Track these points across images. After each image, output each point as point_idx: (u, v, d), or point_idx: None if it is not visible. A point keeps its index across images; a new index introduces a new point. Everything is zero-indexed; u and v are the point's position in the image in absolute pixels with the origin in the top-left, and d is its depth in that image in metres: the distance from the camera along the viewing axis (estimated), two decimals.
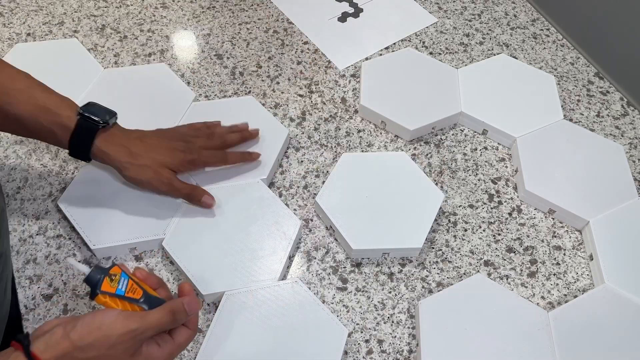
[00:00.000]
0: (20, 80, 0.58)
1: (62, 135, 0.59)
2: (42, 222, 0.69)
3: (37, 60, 0.83)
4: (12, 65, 0.59)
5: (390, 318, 0.63)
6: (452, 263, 0.68)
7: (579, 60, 0.91)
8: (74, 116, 0.59)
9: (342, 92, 0.85)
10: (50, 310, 0.62)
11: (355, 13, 0.97)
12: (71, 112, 0.59)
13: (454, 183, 0.75)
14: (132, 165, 0.61)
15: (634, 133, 0.82)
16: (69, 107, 0.59)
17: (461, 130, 0.81)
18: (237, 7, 0.97)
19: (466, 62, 0.89)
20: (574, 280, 0.67)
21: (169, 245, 0.64)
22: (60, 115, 0.58)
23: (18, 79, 0.58)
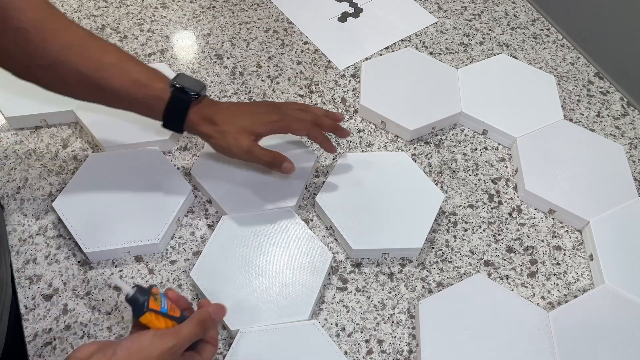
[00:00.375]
0: (111, 53, 0.59)
1: (157, 107, 0.60)
2: (42, 222, 0.69)
3: None
4: (101, 38, 0.60)
5: (390, 318, 0.63)
6: (452, 263, 0.68)
7: (579, 60, 0.91)
8: (168, 88, 0.60)
9: (342, 92, 0.85)
10: (50, 311, 0.62)
11: (355, 13, 0.97)
12: (164, 84, 0.60)
13: (454, 183, 0.75)
14: (216, 133, 0.61)
15: (634, 133, 0.82)
16: (161, 80, 0.60)
17: (461, 130, 0.81)
18: (237, 7, 0.97)
19: (466, 62, 0.89)
20: (574, 280, 0.67)
21: (196, 276, 0.62)
22: (154, 88, 0.59)
23: (109, 52, 0.59)
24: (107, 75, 0.58)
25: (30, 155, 0.75)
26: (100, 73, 0.57)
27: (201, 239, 0.68)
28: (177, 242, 0.68)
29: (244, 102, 0.66)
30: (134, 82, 0.58)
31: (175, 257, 0.67)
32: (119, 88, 0.58)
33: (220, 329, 0.61)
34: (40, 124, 0.78)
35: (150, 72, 0.60)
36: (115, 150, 0.73)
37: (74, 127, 0.78)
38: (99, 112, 0.76)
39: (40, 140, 0.77)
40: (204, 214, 0.71)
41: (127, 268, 0.66)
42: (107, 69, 0.58)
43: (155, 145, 0.74)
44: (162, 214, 0.67)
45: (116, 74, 0.58)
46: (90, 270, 0.65)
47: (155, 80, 0.60)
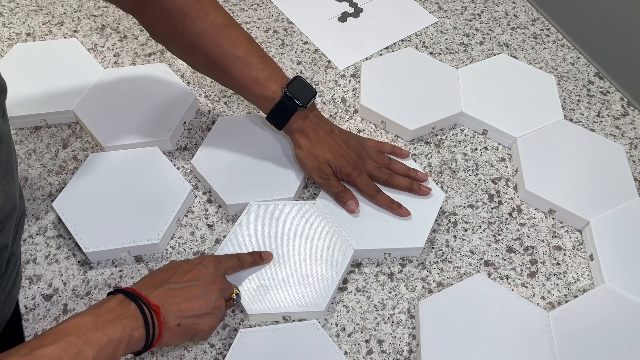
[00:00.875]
0: (240, 46, 0.64)
1: (265, 105, 0.66)
2: (42, 222, 0.69)
3: (37, 60, 0.83)
4: (237, 27, 0.65)
5: (390, 318, 0.63)
6: (452, 263, 0.68)
7: (579, 60, 0.91)
8: (280, 92, 0.65)
9: (342, 92, 0.85)
10: (50, 310, 0.62)
11: (355, 13, 0.97)
12: (277, 87, 0.65)
13: (454, 183, 0.75)
14: (306, 150, 0.67)
15: (634, 133, 0.82)
16: (276, 82, 0.65)
17: (461, 130, 0.81)
18: (237, 7, 0.97)
19: (466, 62, 0.89)
20: (574, 281, 0.67)
21: None
22: (267, 89, 0.65)
23: (239, 45, 0.64)
24: (231, 67, 0.64)
25: (30, 155, 0.75)
26: (226, 63, 0.64)
27: (201, 239, 0.68)
28: (177, 242, 0.68)
29: (340, 131, 0.70)
30: (253, 79, 0.64)
31: (175, 257, 0.67)
32: (238, 79, 0.65)
33: (220, 329, 0.61)
34: (40, 124, 0.78)
35: (269, 71, 0.65)
36: (115, 150, 0.73)
37: (74, 127, 0.78)
38: (99, 112, 0.76)
39: (40, 140, 0.77)
40: (204, 214, 0.71)
41: (127, 268, 0.66)
42: (233, 61, 0.64)
43: (155, 145, 0.74)
44: (162, 214, 0.67)
45: (239, 67, 0.64)
46: (90, 270, 0.65)
47: (271, 81, 0.65)
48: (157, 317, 0.49)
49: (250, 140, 0.75)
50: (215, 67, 0.65)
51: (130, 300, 0.48)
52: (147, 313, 0.48)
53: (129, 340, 0.46)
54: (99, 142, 0.74)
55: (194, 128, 0.79)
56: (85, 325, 0.45)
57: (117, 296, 0.49)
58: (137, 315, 0.47)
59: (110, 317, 0.46)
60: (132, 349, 0.47)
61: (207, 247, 0.68)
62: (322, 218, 0.68)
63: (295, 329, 0.60)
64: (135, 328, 0.47)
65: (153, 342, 0.49)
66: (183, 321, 0.51)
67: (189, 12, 0.61)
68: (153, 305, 0.49)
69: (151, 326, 0.48)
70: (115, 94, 0.79)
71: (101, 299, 0.49)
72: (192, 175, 0.74)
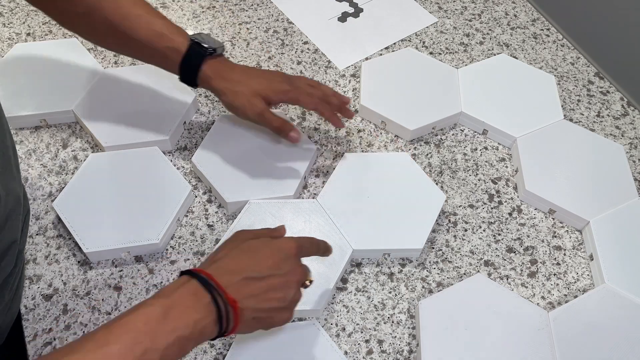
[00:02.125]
0: (139, 6, 0.64)
1: (174, 58, 0.64)
2: (42, 222, 0.69)
3: (37, 60, 0.82)
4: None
5: (390, 318, 0.63)
6: (452, 263, 0.68)
7: (579, 60, 0.91)
8: (186, 42, 0.64)
9: (342, 92, 0.85)
10: (50, 310, 0.62)
11: (355, 13, 0.97)
12: (183, 38, 0.64)
13: (454, 183, 0.75)
14: (229, 91, 0.65)
15: (634, 133, 0.82)
16: (181, 35, 0.64)
17: (461, 130, 0.81)
18: (237, 7, 0.97)
19: (466, 62, 0.89)
20: (574, 281, 0.67)
21: None
22: (173, 41, 0.64)
23: (139, 5, 0.64)
24: (133, 26, 0.63)
25: (30, 155, 0.75)
26: (127, 23, 0.63)
27: (201, 239, 0.68)
28: (177, 242, 0.68)
29: (257, 68, 0.70)
30: (156, 34, 0.63)
31: (175, 257, 0.67)
32: (142, 38, 0.63)
33: None
34: (40, 124, 0.78)
35: (173, 26, 0.64)
36: (115, 150, 0.73)
37: (74, 127, 0.78)
38: (99, 112, 0.76)
39: (40, 140, 0.77)
40: (204, 214, 0.71)
41: (127, 268, 0.66)
42: (134, 20, 0.63)
43: (155, 145, 0.74)
44: (162, 214, 0.67)
45: (141, 25, 0.63)
46: (90, 270, 0.65)
47: (175, 33, 0.64)
48: (233, 312, 0.45)
49: (251, 138, 0.75)
50: (117, 31, 0.63)
51: (205, 292, 0.44)
52: (223, 308, 0.45)
53: (199, 337, 0.44)
54: (99, 142, 0.74)
55: (194, 128, 0.79)
56: (154, 319, 0.42)
57: (190, 283, 0.45)
58: (211, 310, 0.44)
59: (181, 309, 0.43)
60: (201, 342, 0.45)
61: (207, 247, 0.68)
62: (321, 217, 0.68)
63: (295, 329, 0.60)
64: (207, 325, 0.44)
65: (224, 335, 0.46)
66: (259, 314, 0.48)
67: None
68: (230, 299, 0.45)
69: (225, 322, 0.45)
70: (115, 94, 0.79)
71: (173, 282, 0.46)
72: (192, 175, 0.74)
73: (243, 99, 0.65)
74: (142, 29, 0.63)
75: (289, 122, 0.67)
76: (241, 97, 0.65)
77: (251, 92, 0.65)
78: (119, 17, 0.62)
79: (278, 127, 0.66)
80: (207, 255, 0.63)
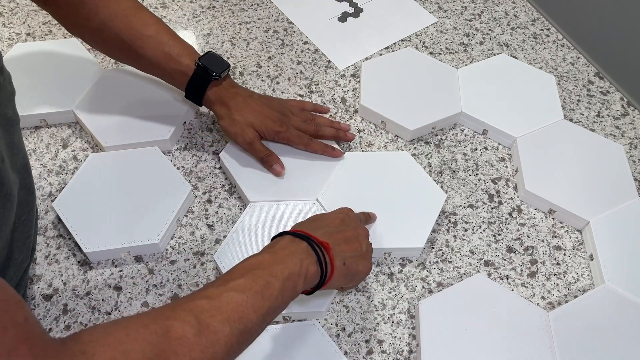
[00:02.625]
0: (151, 26, 0.67)
1: (181, 80, 0.69)
2: (42, 222, 0.69)
3: (37, 60, 0.83)
4: (146, 10, 0.68)
5: (390, 318, 0.63)
6: (452, 263, 0.68)
7: (579, 60, 0.91)
8: (193, 65, 0.67)
9: (342, 92, 0.85)
10: (50, 311, 0.62)
11: (355, 13, 0.97)
12: (190, 61, 0.67)
13: (454, 183, 0.75)
14: (227, 117, 0.69)
15: (634, 133, 0.82)
16: (189, 57, 0.68)
17: (461, 130, 0.81)
18: (237, 7, 0.97)
19: (466, 62, 0.89)
20: (574, 281, 0.67)
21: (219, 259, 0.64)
22: (181, 64, 0.67)
23: (149, 24, 0.67)
24: (144, 45, 0.66)
25: (30, 155, 0.75)
26: (139, 42, 0.66)
27: (201, 239, 0.68)
28: (177, 242, 0.68)
29: (259, 96, 0.72)
30: (165, 56, 0.67)
31: (175, 257, 0.67)
32: (152, 58, 0.67)
33: None
34: (40, 124, 0.78)
35: (181, 47, 0.68)
36: (115, 150, 0.73)
37: (74, 127, 0.78)
38: (99, 112, 0.76)
39: (40, 140, 0.77)
40: (204, 214, 0.71)
41: (127, 268, 0.66)
42: (145, 40, 0.66)
43: (155, 145, 0.74)
44: (162, 214, 0.67)
45: (151, 46, 0.66)
46: (90, 270, 0.65)
47: (184, 56, 0.67)
48: (328, 253, 0.51)
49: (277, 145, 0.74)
50: (128, 49, 0.66)
51: (300, 239, 0.51)
52: (319, 250, 0.50)
53: (306, 275, 0.49)
54: (99, 142, 0.74)
55: (194, 128, 0.79)
56: (266, 261, 0.48)
57: (285, 237, 0.51)
58: (310, 251, 0.50)
59: (287, 252, 0.49)
60: (309, 284, 0.50)
61: (207, 247, 0.68)
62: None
63: (295, 329, 0.60)
64: (310, 263, 0.49)
65: (326, 279, 0.51)
66: (347, 261, 0.53)
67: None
68: (323, 242, 0.52)
69: (324, 263, 0.50)
70: (115, 94, 0.79)
71: (270, 242, 0.53)
72: (192, 175, 0.74)
73: (237, 127, 0.69)
74: (152, 49, 0.66)
75: (273, 155, 0.70)
76: (236, 125, 0.69)
77: (246, 122, 0.69)
78: (130, 36, 0.65)
79: (262, 158, 0.70)
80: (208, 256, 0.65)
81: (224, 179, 0.74)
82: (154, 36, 0.66)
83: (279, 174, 0.70)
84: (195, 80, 0.68)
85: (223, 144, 0.77)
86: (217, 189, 0.73)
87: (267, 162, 0.70)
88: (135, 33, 0.66)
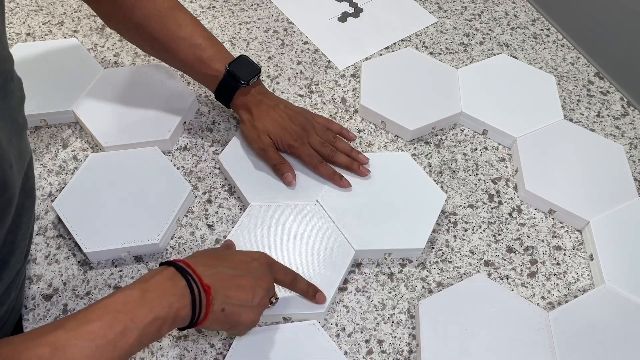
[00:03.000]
0: (185, 28, 0.68)
1: (211, 84, 0.71)
2: (42, 222, 0.69)
3: (37, 60, 0.82)
4: (182, 9, 0.69)
5: (390, 318, 0.63)
6: (452, 263, 0.68)
7: (579, 60, 0.91)
8: (223, 70, 0.68)
9: (342, 92, 0.85)
10: (50, 310, 0.62)
11: (355, 13, 0.97)
12: (221, 66, 0.68)
13: (454, 183, 0.75)
14: (248, 122, 0.71)
15: (634, 133, 0.82)
16: (220, 61, 0.69)
17: (461, 130, 0.81)
18: (237, 7, 0.97)
19: (466, 62, 0.89)
20: (574, 281, 0.67)
21: None
22: (211, 68, 0.69)
23: (183, 26, 0.68)
24: (177, 47, 0.68)
25: None
26: (172, 44, 0.67)
27: (201, 239, 0.68)
28: (177, 242, 0.68)
29: (286, 106, 0.72)
30: (197, 58, 0.68)
31: (175, 257, 0.67)
32: (184, 60, 0.69)
33: None
34: (40, 124, 0.78)
35: (214, 51, 0.69)
36: (115, 150, 0.73)
37: (74, 127, 0.78)
38: (99, 112, 0.76)
39: (40, 140, 0.77)
40: (204, 214, 0.71)
41: (127, 268, 0.66)
42: (178, 42, 0.67)
43: (155, 145, 0.74)
44: (162, 214, 0.67)
45: (185, 48, 0.68)
46: (90, 270, 0.65)
47: (215, 60, 0.68)
48: (206, 298, 0.49)
49: None
50: (162, 48, 0.68)
51: (181, 277, 0.48)
52: (197, 292, 0.48)
53: (174, 319, 0.46)
54: (99, 142, 0.74)
55: (194, 128, 0.79)
56: (132, 301, 0.45)
57: (168, 269, 0.48)
58: (185, 293, 0.47)
59: (159, 293, 0.46)
60: (176, 326, 0.48)
61: (207, 247, 0.68)
62: (322, 219, 0.68)
63: (295, 329, 0.60)
64: (182, 307, 0.47)
65: (197, 323, 0.49)
66: (228, 308, 0.51)
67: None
68: (205, 285, 0.49)
69: (198, 306, 0.48)
70: (115, 94, 0.79)
71: (152, 270, 0.50)
72: (192, 176, 0.74)
73: (254, 133, 0.70)
74: (184, 52, 0.68)
75: (286, 163, 0.70)
76: (254, 130, 0.70)
77: (264, 129, 0.70)
78: (164, 37, 0.67)
79: (274, 165, 0.70)
80: None
81: (224, 179, 0.74)
82: (187, 38, 0.67)
83: (289, 183, 0.70)
84: (224, 86, 0.69)
85: (223, 144, 0.77)
86: (217, 189, 0.73)
87: (279, 170, 0.70)
88: (169, 34, 0.67)
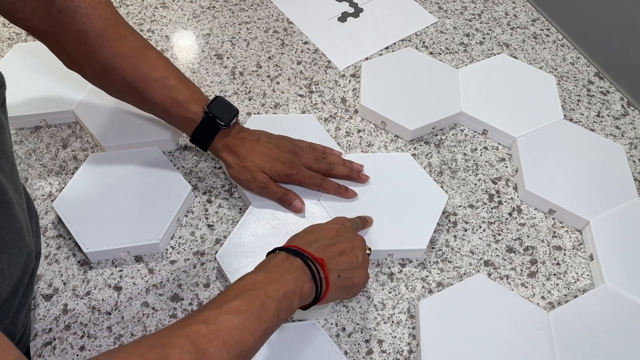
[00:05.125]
0: (158, 68, 0.63)
1: (188, 127, 0.66)
2: (42, 222, 0.69)
3: (37, 60, 0.82)
4: (154, 50, 0.64)
5: (390, 318, 0.63)
6: (452, 263, 0.68)
7: (579, 60, 0.91)
8: (201, 113, 0.64)
9: (342, 92, 0.85)
10: (50, 310, 0.62)
11: (355, 13, 0.97)
12: (199, 108, 0.64)
13: (454, 183, 0.75)
14: (236, 166, 0.66)
15: (634, 133, 0.82)
16: (197, 103, 0.64)
17: (461, 130, 0.81)
18: (237, 7, 0.97)
19: (466, 62, 0.89)
20: (574, 280, 0.67)
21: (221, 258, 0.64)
22: (188, 110, 0.64)
23: (156, 67, 0.63)
24: (149, 89, 0.62)
25: (30, 155, 0.75)
26: (144, 86, 0.62)
27: (201, 239, 0.68)
28: (177, 242, 0.68)
29: (267, 136, 0.69)
30: (172, 100, 0.63)
31: (175, 257, 0.67)
32: (158, 102, 0.63)
33: None
34: (40, 124, 0.78)
35: (190, 92, 0.64)
36: (115, 150, 0.73)
37: (74, 127, 0.78)
38: (99, 112, 0.76)
39: (40, 140, 0.77)
40: (204, 214, 0.71)
41: (127, 268, 0.66)
42: (151, 83, 0.62)
43: (155, 145, 0.74)
44: (162, 214, 0.67)
45: (159, 89, 0.63)
46: (90, 270, 0.65)
47: (191, 102, 0.64)
48: (322, 269, 0.52)
49: None
50: (133, 91, 0.63)
51: (294, 256, 0.51)
52: (313, 267, 0.51)
53: (301, 293, 0.49)
54: (99, 142, 0.74)
55: None
56: (261, 281, 0.48)
57: (280, 253, 0.52)
58: (304, 269, 0.50)
59: (281, 271, 0.49)
60: (304, 301, 0.50)
61: (207, 247, 0.68)
62: (324, 219, 0.67)
63: (295, 329, 0.60)
64: (305, 281, 0.50)
65: (322, 295, 0.51)
66: (342, 274, 0.54)
67: (106, 35, 0.59)
68: (318, 258, 0.52)
69: (318, 279, 0.51)
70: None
71: (263, 260, 0.53)
72: (192, 176, 0.74)
73: (247, 175, 0.66)
74: (158, 94, 0.63)
75: (290, 192, 0.68)
76: (246, 172, 0.66)
77: (256, 168, 0.66)
78: (136, 79, 0.62)
79: (280, 198, 0.68)
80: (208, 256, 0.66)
81: (224, 178, 0.74)
82: (161, 80, 0.63)
83: (299, 210, 0.68)
84: (203, 129, 0.65)
85: None
86: (217, 189, 0.73)
87: (286, 201, 0.68)
88: (141, 75, 0.62)
